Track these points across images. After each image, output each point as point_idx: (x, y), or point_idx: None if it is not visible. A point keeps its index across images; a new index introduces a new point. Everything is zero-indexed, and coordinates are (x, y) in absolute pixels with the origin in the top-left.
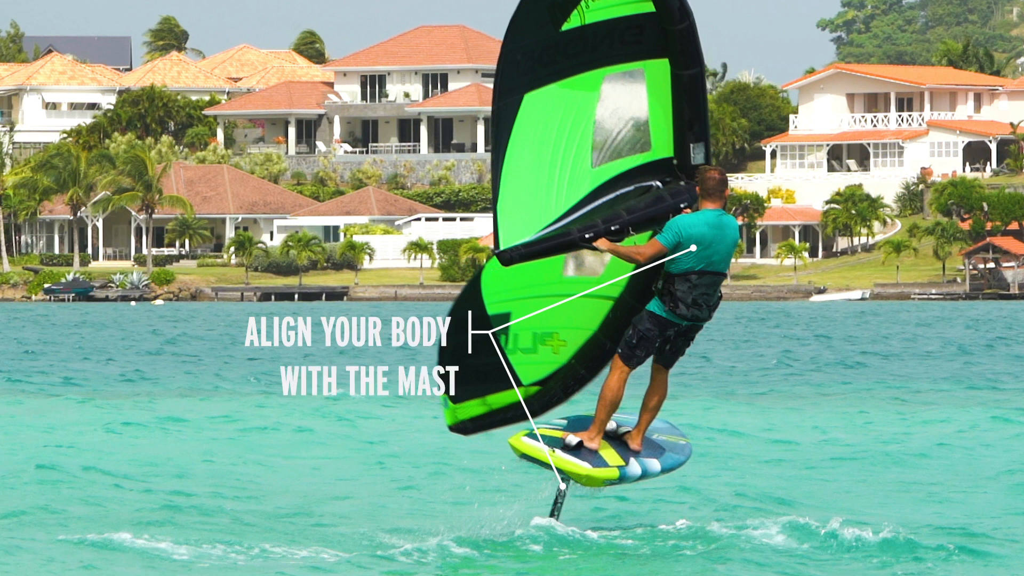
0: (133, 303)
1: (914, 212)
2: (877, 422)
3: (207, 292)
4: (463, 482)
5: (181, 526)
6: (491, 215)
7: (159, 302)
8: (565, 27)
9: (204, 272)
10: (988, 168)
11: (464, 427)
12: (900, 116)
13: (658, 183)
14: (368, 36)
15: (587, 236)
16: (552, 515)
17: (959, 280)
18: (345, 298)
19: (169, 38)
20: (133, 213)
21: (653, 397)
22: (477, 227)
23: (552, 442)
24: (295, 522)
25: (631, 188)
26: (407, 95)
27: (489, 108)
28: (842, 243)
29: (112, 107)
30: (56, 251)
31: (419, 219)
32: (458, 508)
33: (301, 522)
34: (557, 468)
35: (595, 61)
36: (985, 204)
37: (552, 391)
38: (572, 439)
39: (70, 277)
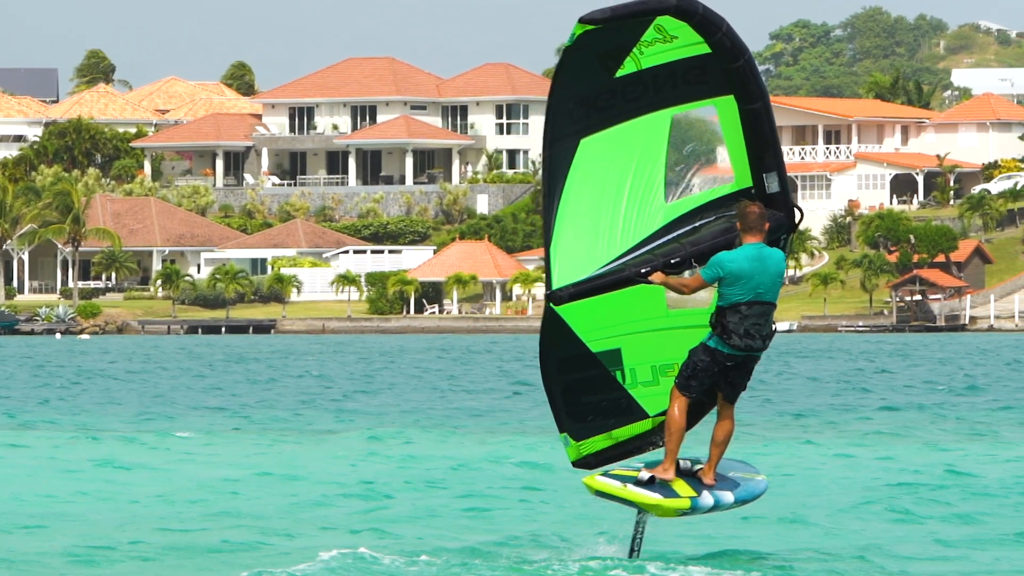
0: (58, 336)
1: (841, 244)
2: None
3: (134, 325)
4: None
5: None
6: (414, 248)
7: (85, 336)
8: (619, 73)
9: (131, 305)
10: (915, 200)
11: (587, 462)
12: (828, 148)
13: None
14: (297, 68)
15: (643, 271)
16: (632, 553)
17: (886, 312)
18: (272, 331)
19: (96, 71)
20: (59, 246)
21: (720, 432)
22: (405, 259)
23: (626, 480)
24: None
25: (712, 218)
26: (335, 127)
27: (417, 140)
28: None
29: (38, 139)
30: None
31: (347, 252)
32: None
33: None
34: (630, 501)
35: (660, 102)
36: (912, 236)
37: None
38: (645, 474)
39: None
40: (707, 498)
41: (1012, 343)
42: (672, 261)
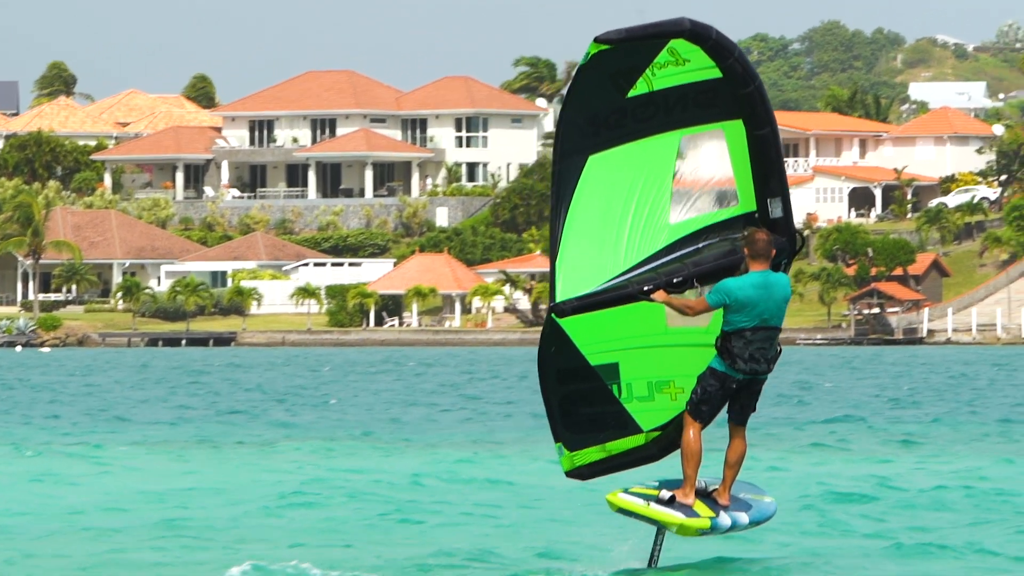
0: (19, 348)
1: (799, 258)
2: None
3: (94, 338)
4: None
5: None
6: (374, 261)
7: (46, 348)
8: (632, 93)
9: (91, 318)
10: (873, 214)
11: (580, 473)
12: (786, 162)
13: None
14: (258, 81)
15: (646, 289)
16: (651, 563)
17: (844, 326)
18: (233, 344)
19: (58, 84)
20: (19, 258)
21: (733, 454)
22: (365, 272)
23: (647, 499)
24: None
25: (716, 240)
26: (295, 140)
27: (376, 153)
28: None
29: None
30: None
31: (307, 264)
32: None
33: None
34: (653, 519)
35: (670, 123)
36: (870, 250)
37: (672, 436)
38: (665, 494)
39: None
40: (725, 519)
41: (966, 356)
42: (675, 280)
